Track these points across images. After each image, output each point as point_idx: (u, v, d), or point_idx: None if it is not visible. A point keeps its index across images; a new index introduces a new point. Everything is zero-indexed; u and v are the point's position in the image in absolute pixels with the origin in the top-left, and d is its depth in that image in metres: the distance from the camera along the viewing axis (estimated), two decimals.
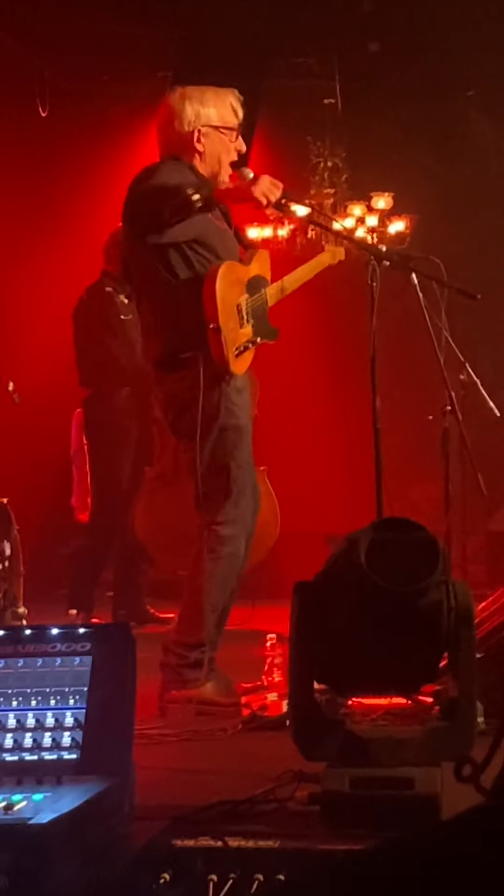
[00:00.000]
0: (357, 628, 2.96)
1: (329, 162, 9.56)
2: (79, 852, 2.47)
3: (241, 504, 4.72)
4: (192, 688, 4.56)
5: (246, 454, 4.76)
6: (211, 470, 4.64)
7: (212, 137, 4.73)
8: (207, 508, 4.68)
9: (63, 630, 3.00)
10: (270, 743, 3.86)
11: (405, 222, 9.34)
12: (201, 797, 3.04)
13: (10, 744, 2.84)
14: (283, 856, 2.51)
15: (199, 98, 4.75)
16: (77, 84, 8.76)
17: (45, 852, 2.34)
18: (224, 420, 4.64)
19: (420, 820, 2.72)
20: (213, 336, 4.52)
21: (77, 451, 7.10)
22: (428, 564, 2.91)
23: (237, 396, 4.68)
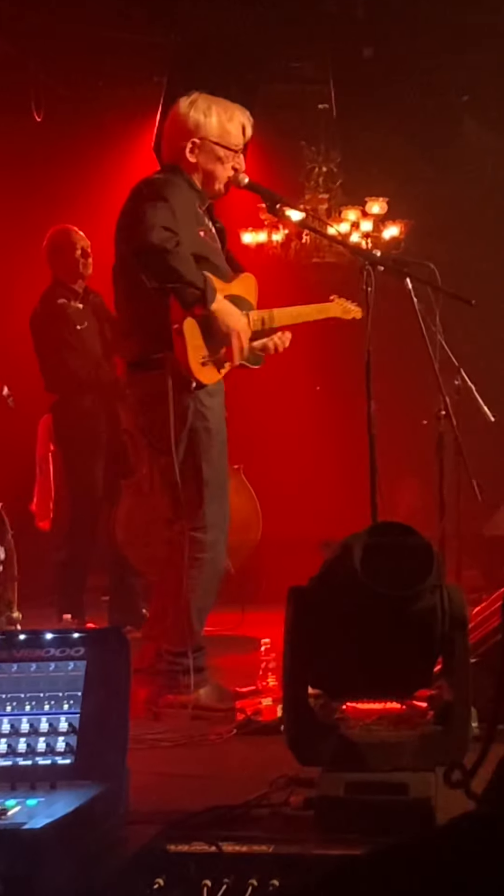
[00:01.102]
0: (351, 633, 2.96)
1: (324, 167, 9.57)
2: (73, 857, 2.47)
3: (216, 507, 4.71)
4: (187, 693, 4.56)
5: (218, 457, 4.75)
6: (183, 473, 4.62)
7: (205, 150, 4.74)
8: (182, 514, 4.67)
9: (57, 635, 3.00)
10: (264, 748, 3.86)
11: (400, 227, 9.35)
12: (195, 802, 3.03)
13: (4, 749, 2.84)
14: (277, 861, 2.51)
15: (205, 109, 4.76)
16: (72, 89, 8.76)
17: (39, 857, 2.33)
18: (194, 422, 4.63)
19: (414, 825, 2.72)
20: (177, 338, 4.52)
21: (42, 457, 7.05)
22: (422, 569, 2.92)
23: (208, 399, 4.67)
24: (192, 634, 4.64)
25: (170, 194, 4.56)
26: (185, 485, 4.63)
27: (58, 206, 8.24)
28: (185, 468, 4.62)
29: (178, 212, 4.53)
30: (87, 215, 7.36)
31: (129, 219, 4.58)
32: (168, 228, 4.41)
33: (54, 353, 6.79)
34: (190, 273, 4.45)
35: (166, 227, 4.41)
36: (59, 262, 6.87)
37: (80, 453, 6.87)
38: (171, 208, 4.50)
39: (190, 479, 4.63)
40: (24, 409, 6.83)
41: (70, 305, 6.85)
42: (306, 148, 9.56)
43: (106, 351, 6.90)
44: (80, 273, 6.88)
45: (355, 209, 9.40)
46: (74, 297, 6.88)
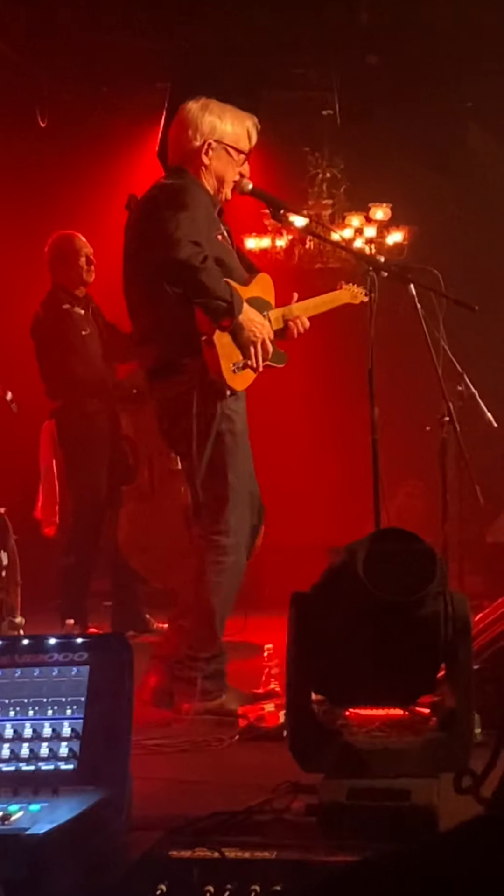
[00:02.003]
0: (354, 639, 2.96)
1: (327, 173, 9.58)
2: (75, 863, 2.47)
3: (239, 512, 4.71)
4: (211, 699, 4.59)
5: (244, 461, 4.76)
6: (208, 477, 4.64)
7: (219, 154, 4.75)
8: (205, 517, 4.68)
9: (60, 640, 3.00)
10: (267, 754, 3.86)
11: (403, 233, 9.35)
12: (198, 808, 3.03)
13: (6, 754, 2.83)
14: (279, 867, 2.51)
15: (219, 113, 4.78)
16: (76, 95, 8.77)
17: (41, 863, 2.33)
18: (221, 425, 4.64)
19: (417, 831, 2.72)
20: (207, 349, 4.53)
21: (46, 463, 7.04)
22: (425, 575, 2.92)
23: (234, 403, 4.69)
24: (215, 639, 4.67)
25: (190, 201, 4.56)
26: (210, 488, 4.64)
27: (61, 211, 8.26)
28: (211, 472, 4.64)
29: (198, 219, 4.53)
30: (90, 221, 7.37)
31: (149, 227, 4.55)
32: (195, 242, 4.41)
33: (59, 359, 6.78)
34: (219, 288, 4.46)
35: (193, 240, 4.41)
36: (62, 268, 6.86)
37: (84, 459, 6.86)
38: (192, 217, 4.50)
39: (216, 483, 4.65)
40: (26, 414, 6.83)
41: (74, 311, 6.84)
42: (310, 154, 9.57)
43: (106, 356, 6.90)
44: (84, 280, 6.88)
45: (359, 215, 9.40)
46: (77, 303, 6.87)
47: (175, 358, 4.62)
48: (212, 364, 4.54)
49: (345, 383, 7.32)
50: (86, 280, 6.87)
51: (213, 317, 4.50)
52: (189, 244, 4.40)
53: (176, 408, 4.65)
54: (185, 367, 4.59)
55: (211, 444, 4.62)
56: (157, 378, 4.72)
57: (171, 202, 4.53)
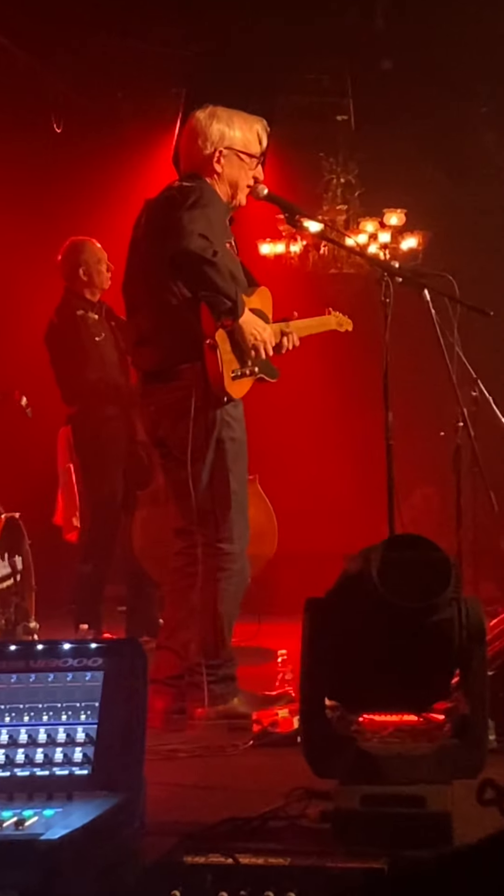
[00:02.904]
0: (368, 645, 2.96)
1: (342, 178, 9.58)
2: (90, 868, 2.47)
3: (241, 518, 4.74)
4: (222, 703, 4.61)
5: (243, 467, 4.78)
6: (211, 485, 4.64)
7: (231, 160, 4.76)
8: (209, 525, 4.68)
9: (75, 645, 3.00)
10: (281, 759, 3.85)
11: (418, 239, 9.35)
12: (212, 814, 3.03)
13: (21, 759, 2.84)
14: (294, 873, 2.51)
15: (227, 120, 4.79)
16: (91, 100, 8.79)
17: (56, 868, 2.33)
18: (221, 432, 4.64)
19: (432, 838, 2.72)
20: (209, 352, 4.53)
21: (64, 469, 7.05)
22: (440, 581, 2.92)
23: (233, 410, 4.69)
24: (224, 644, 4.68)
25: (206, 201, 4.58)
26: (212, 496, 4.65)
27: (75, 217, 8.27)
28: (213, 480, 4.64)
29: (213, 219, 4.55)
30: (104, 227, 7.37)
31: (163, 221, 4.56)
32: (205, 237, 4.43)
33: (74, 365, 6.78)
34: (225, 284, 4.47)
35: (203, 234, 4.43)
36: (78, 273, 6.85)
37: (100, 464, 6.86)
38: (207, 216, 4.53)
39: (217, 491, 4.65)
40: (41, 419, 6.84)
41: (88, 316, 6.84)
42: (324, 159, 9.57)
43: (121, 361, 6.90)
44: (101, 286, 6.88)
45: (373, 220, 9.40)
46: (91, 308, 6.88)
47: (175, 362, 4.61)
48: (212, 368, 4.54)
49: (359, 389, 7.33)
50: (103, 286, 6.87)
51: (216, 314, 4.50)
52: (199, 237, 4.42)
53: (173, 414, 4.64)
54: (185, 372, 4.59)
55: (212, 450, 4.62)
56: (154, 382, 4.71)
57: (188, 200, 4.54)
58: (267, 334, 4.74)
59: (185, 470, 4.60)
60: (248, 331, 4.63)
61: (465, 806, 2.86)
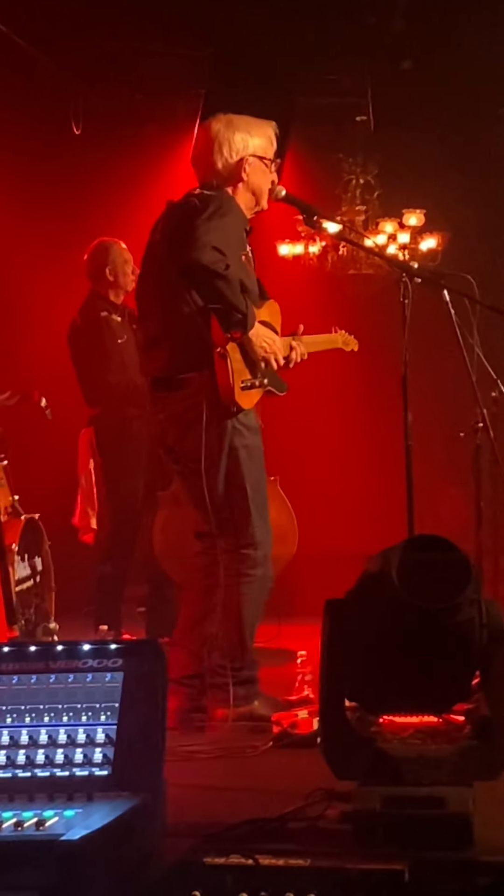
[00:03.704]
0: (388, 646, 2.96)
1: (361, 179, 9.56)
2: (110, 869, 2.47)
3: (262, 523, 4.75)
4: (244, 705, 4.63)
5: (259, 473, 4.78)
6: (228, 494, 4.65)
7: (256, 167, 4.77)
8: (230, 532, 4.70)
9: (94, 646, 3.01)
10: (301, 761, 3.85)
11: (437, 239, 9.33)
12: (232, 815, 3.03)
13: (41, 760, 2.85)
14: (313, 874, 2.51)
15: (246, 127, 4.79)
16: (110, 102, 8.80)
17: (76, 869, 2.34)
18: (233, 440, 4.64)
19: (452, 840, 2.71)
20: (220, 361, 4.53)
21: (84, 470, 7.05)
22: (460, 582, 2.91)
23: (245, 417, 4.69)
24: (246, 647, 4.71)
25: (225, 212, 4.58)
26: (230, 505, 4.66)
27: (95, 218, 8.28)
28: (229, 488, 4.65)
29: (229, 231, 4.55)
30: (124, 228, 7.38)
31: (179, 232, 4.55)
32: (218, 249, 4.42)
33: (96, 366, 6.79)
34: (235, 297, 4.48)
35: (217, 247, 4.42)
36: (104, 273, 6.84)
37: (121, 465, 6.86)
38: (224, 228, 4.52)
39: (235, 499, 4.66)
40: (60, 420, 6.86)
41: (111, 318, 6.84)
42: (343, 160, 9.56)
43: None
44: (125, 287, 6.88)
45: (392, 221, 9.38)
46: (114, 310, 6.88)
47: (184, 369, 4.60)
48: (222, 377, 4.53)
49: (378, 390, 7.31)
50: (127, 288, 6.86)
51: (225, 326, 4.51)
52: (214, 250, 4.42)
53: (183, 423, 4.63)
54: (193, 380, 4.58)
55: (224, 460, 4.62)
56: (163, 389, 4.69)
57: (207, 209, 4.54)
58: (276, 346, 4.76)
59: (198, 479, 4.60)
60: (258, 342, 4.65)
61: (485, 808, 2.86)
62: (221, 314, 4.51)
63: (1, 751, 2.87)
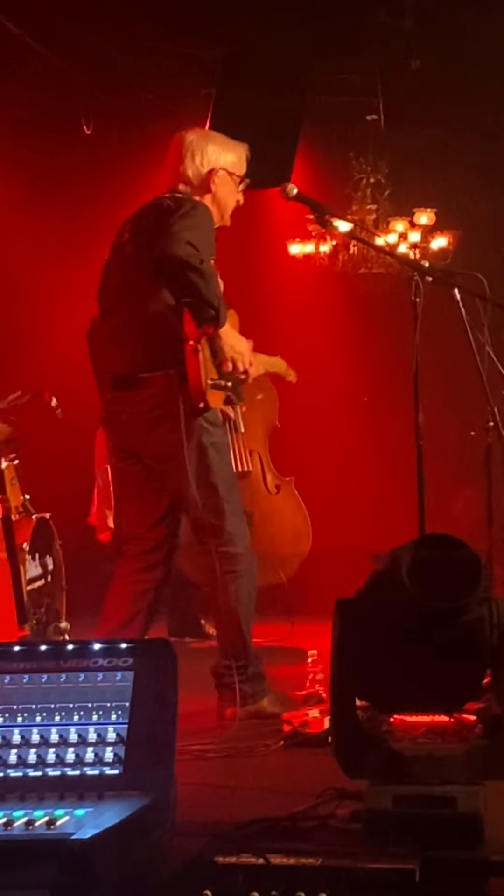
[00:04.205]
0: (399, 645, 2.96)
1: (371, 178, 9.55)
2: (121, 868, 2.48)
3: (237, 518, 4.73)
4: (252, 703, 4.64)
5: (227, 468, 4.78)
6: (200, 492, 4.59)
7: (225, 181, 4.78)
8: (207, 532, 4.68)
9: (105, 645, 3.01)
10: (312, 760, 3.86)
11: (448, 238, 9.31)
12: (243, 814, 3.04)
13: (52, 759, 2.85)
14: (324, 873, 2.51)
15: (220, 142, 4.83)
16: (121, 102, 8.80)
17: (87, 867, 2.34)
18: (202, 439, 4.60)
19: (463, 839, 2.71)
20: (192, 356, 4.48)
21: (100, 470, 7.05)
22: (470, 581, 2.91)
23: (212, 415, 4.65)
24: (246, 644, 4.71)
25: (200, 214, 4.58)
26: (204, 505, 4.61)
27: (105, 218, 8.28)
28: (201, 488, 4.59)
29: (203, 230, 4.54)
30: None
31: (152, 229, 4.55)
32: (193, 245, 4.41)
33: None
34: (209, 292, 4.45)
35: (191, 243, 4.41)
36: None
37: None
38: (198, 227, 4.51)
39: (208, 497, 4.62)
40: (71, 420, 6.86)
41: None
42: (354, 159, 9.54)
43: None
44: None
45: (403, 220, 9.37)
46: None
47: (149, 368, 4.53)
48: (193, 372, 4.48)
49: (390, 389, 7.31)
50: None
51: (199, 320, 4.47)
52: (188, 245, 4.41)
53: (148, 423, 4.58)
54: (158, 379, 4.52)
55: (194, 458, 4.57)
56: (124, 388, 4.61)
57: (181, 209, 4.54)
58: (244, 347, 4.71)
59: (164, 479, 4.58)
60: (227, 341, 4.62)
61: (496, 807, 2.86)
62: (195, 308, 4.47)
63: (12, 750, 2.87)
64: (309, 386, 7.51)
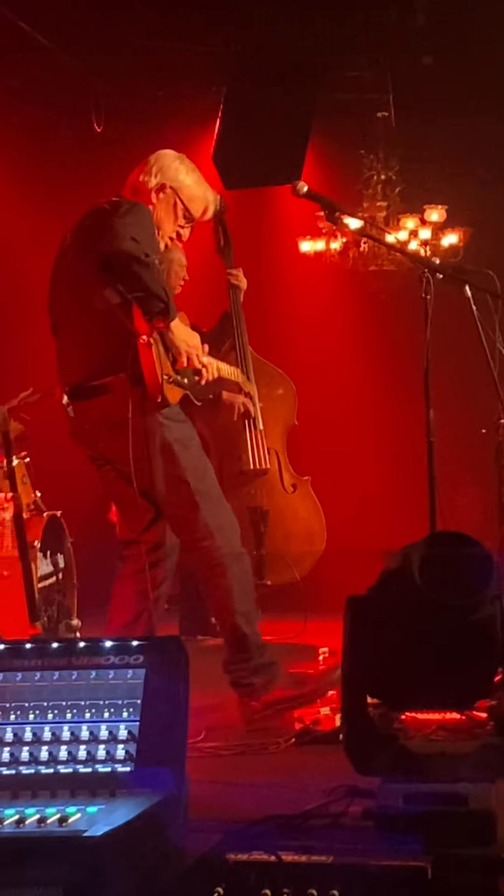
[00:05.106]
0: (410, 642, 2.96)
1: (382, 175, 9.54)
2: (133, 865, 2.48)
3: (215, 510, 4.67)
4: (266, 692, 4.60)
5: (199, 461, 4.70)
6: (169, 490, 4.58)
7: (168, 201, 4.71)
8: (184, 529, 4.66)
9: (116, 643, 3.02)
10: (323, 757, 3.85)
11: (458, 235, 9.30)
12: (254, 811, 3.04)
13: (64, 756, 2.86)
14: (336, 871, 2.51)
15: (188, 169, 4.77)
16: (131, 100, 8.80)
17: (99, 865, 2.34)
18: (164, 435, 4.55)
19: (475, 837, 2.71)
20: (145, 351, 4.41)
21: None
22: (482, 579, 2.91)
23: (170, 411, 4.58)
24: (247, 638, 4.66)
25: (138, 212, 4.52)
26: (173, 501, 4.59)
27: None
28: (169, 485, 4.56)
29: (146, 227, 4.50)
30: None
31: (93, 230, 4.51)
32: (136, 240, 4.36)
33: None
34: (156, 284, 4.37)
35: (135, 238, 4.36)
36: None
37: None
38: (139, 223, 4.46)
39: (179, 493, 4.58)
40: None
41: None
42: (365, 156, 9.53)
43: None
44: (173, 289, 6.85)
45: (414, 217, 9.36)
46: None
47: (102, 373, 4.49)
48: (147, 367, 4.41)
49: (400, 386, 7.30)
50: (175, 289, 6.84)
51: (148, 314, 4.40)
52: (130, 240, 4.35)
53: (108, 428, 4.53)
54: (112, 384, 4.47)
55: (158, 457, 4.54)
56: (81, 398, 4.58)
57: (120, 209, 4.50)
58: (196, 342, 4.66)
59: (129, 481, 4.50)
60: (179, 336, 4.56)
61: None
62: (144, 302, 4.40)
63: (24, 747, 2.88)
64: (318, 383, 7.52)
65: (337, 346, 9.21)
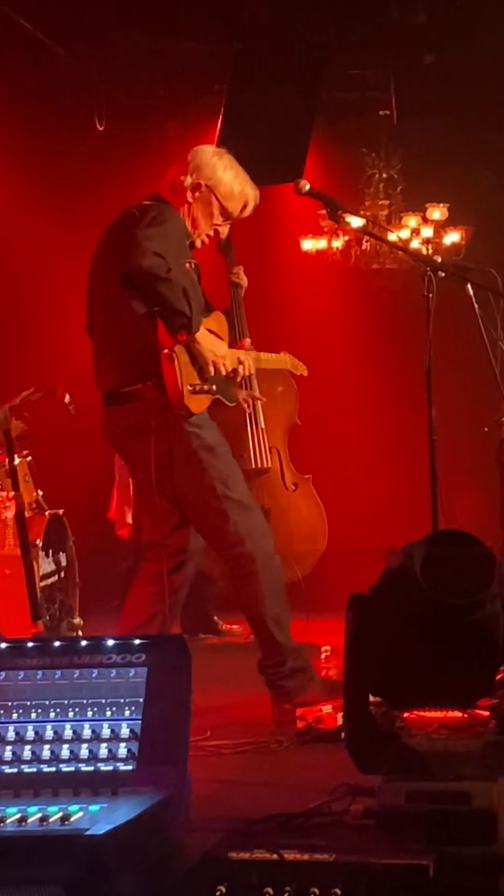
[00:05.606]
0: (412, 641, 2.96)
1: (384, 173, 9.53)
2: (135, 864, 2.48)
3: (245, 516, 4.69)
4: (297, 696, 4.60)
5: (227, 467, 4.72)
6: (198, 498, 4.61)
7: (206, 198, 4.74)
8: (212, 537, 4.70)
9: (118, 641, 3.02)
10: (325, 756, 3.86)
11: (460, 233, 9.29)
12: (257, 810, 3.04)
13: (66, 754, 2.86)
14: (338, 869, 2.51)
15: (227, 165, 4.77)
16: (133, 98, 8.80)
17: (101, 863, 2.35)
18: (191, 443, 4.59)
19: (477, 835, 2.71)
20: (167, 363, 4.49)
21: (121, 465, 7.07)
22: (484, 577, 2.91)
23: (198, 419, 4.63)
24: (278, 642, 4.67)
25: (166, 219, 4.54)
26: (203, 510, 4.63)
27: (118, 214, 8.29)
28: (199, 493, 4.60)
29: (170, 237, 4.52)
30: None
31: (119, 242, 4.54)
32: (159, 255, 4.38)
33: None
34: (177, 301, 4.42)
35: (158, 252, 4.38)
36: None
37: None
38: (165, 234, 4.48)
39: (208, 501, 4.61)
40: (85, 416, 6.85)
41: None
42: (367, 154, 9.52)
43: None
44: None
45: (416, 215, 9.36)
46: None
47: (130, 381, 4.57)
48: (170, 380, 4.49)
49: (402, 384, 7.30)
50: None
51: (170, 328, 4.47)
52: (153, 255, 4.37)
53: (136, 435, 4.59)
54: (140, 392, 4.55)
55: (186, 465, 4.58)
56: (113, 404, 4.66)
57: (146, 218, 4.51)
58: (223, 352, 4.71)
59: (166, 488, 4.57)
60: (206, 346, 4.61)
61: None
62: (166, 317, 4.46)
63: (26, 746, 2.88)
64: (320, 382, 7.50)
65: (338, 344, 9.20)
